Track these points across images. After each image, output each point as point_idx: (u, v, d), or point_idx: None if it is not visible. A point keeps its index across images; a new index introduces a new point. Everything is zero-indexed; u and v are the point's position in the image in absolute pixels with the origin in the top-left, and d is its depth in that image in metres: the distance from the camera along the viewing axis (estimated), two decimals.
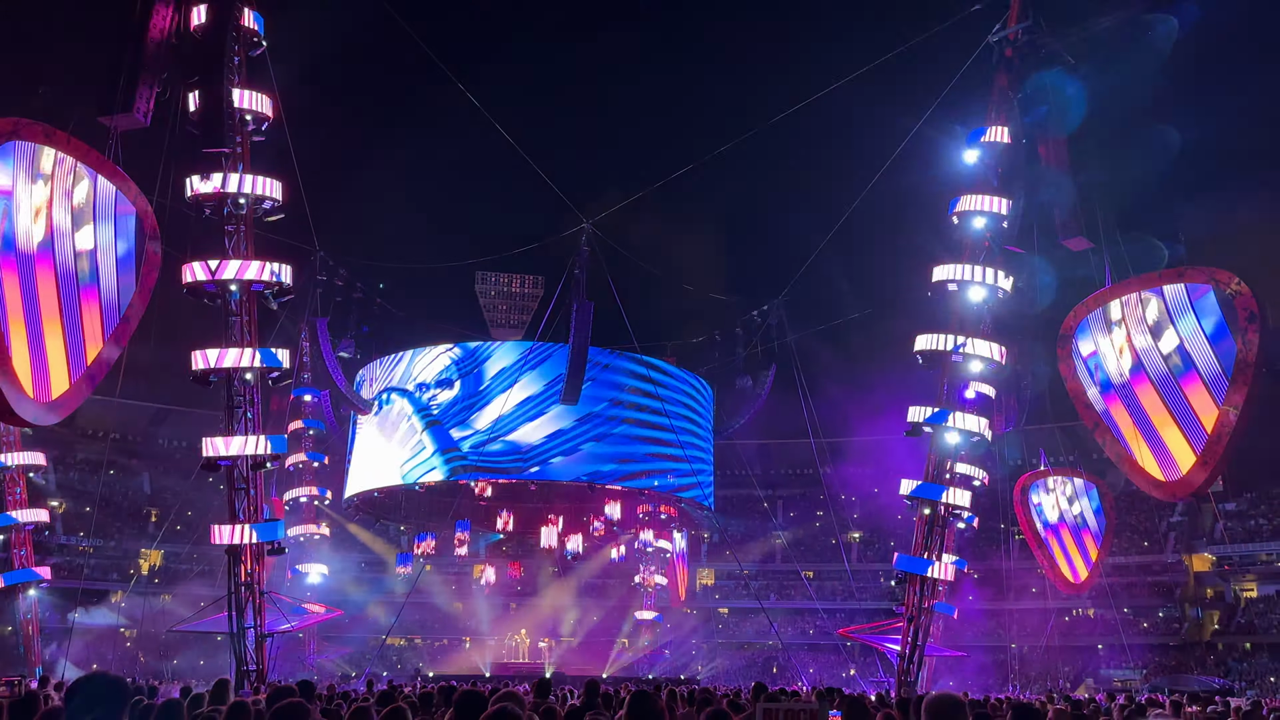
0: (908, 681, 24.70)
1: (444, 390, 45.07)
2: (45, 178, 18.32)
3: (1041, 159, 22.84)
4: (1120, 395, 22.90)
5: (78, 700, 3.51)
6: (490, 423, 43.69)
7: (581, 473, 45.83)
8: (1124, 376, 22.85)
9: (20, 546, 31.58)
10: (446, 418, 44.44)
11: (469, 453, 44.20)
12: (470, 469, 44.06)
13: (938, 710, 4.43)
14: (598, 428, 45.98)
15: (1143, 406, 22.55)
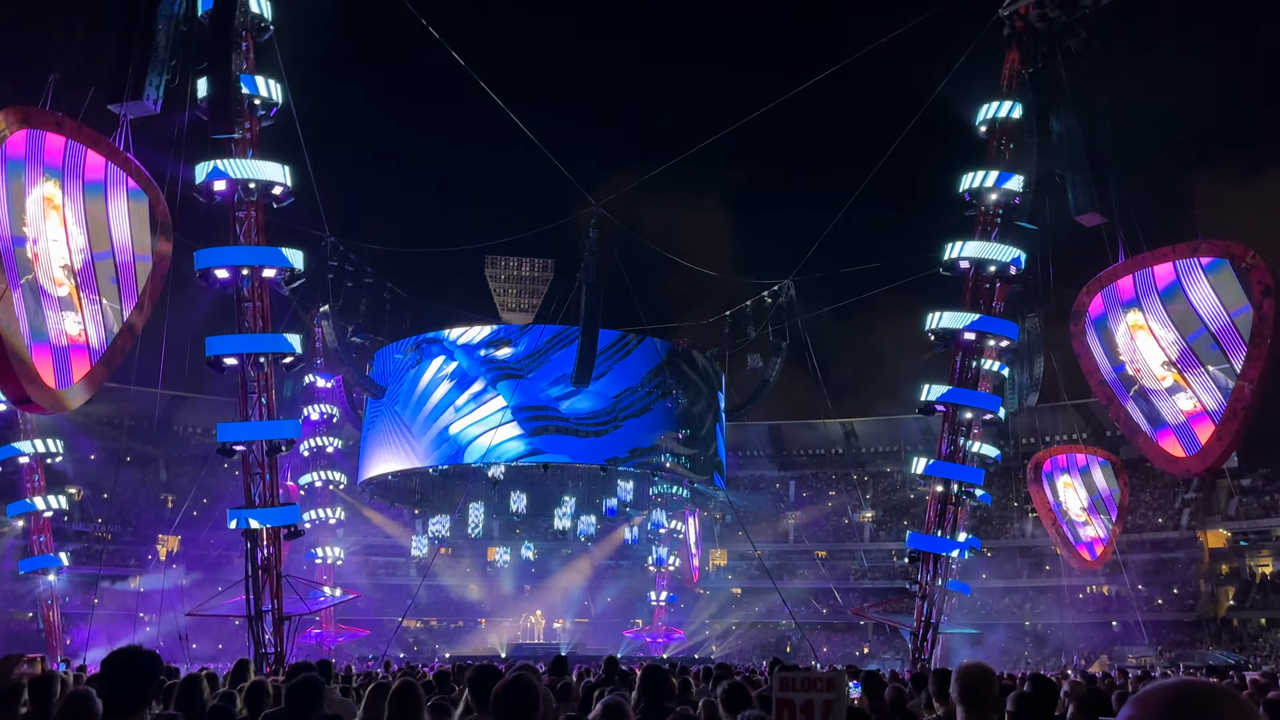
0: (922, 659, 24.77)
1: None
2: (57, 166, 18.40)
3: (1054, 134, 22.65)
4: (1131, 367, 22.83)
5: (112, 673, 3.59)
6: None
7: (594, 455, 45.96)
8: (1138, 352, 22.76)
9: (39, 533, 31.94)
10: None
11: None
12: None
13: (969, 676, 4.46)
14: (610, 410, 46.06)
15: (1157, 382, 22.47)
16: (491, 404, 44.27)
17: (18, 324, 16.41)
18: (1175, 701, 1.52)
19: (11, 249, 16.81)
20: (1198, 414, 21.71)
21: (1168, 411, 22.35)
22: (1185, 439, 22.13)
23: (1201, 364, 21.58)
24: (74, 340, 18.00)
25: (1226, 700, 1.53)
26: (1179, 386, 22.08)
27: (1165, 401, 22.37)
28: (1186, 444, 22.11)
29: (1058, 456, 34.42)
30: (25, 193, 17.60)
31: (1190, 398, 21.86)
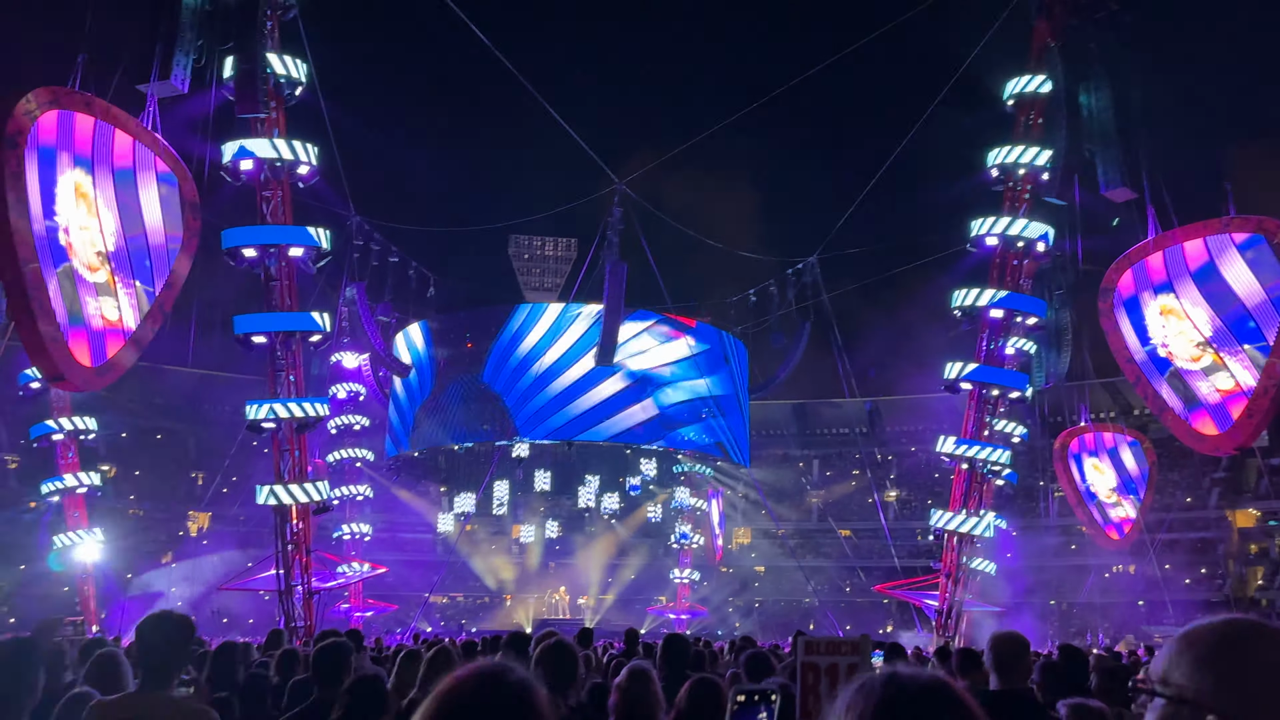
0: (946, 636, 24.79)
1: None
2: (86, 155, 18.60)
3: (1083, 108, 22.35)
4: (1163, 348, 22.59)
5: (147, 635, 3.70)
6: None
7: (617, 434, 46.12)
8: (1167, 330, 22.52)
9: (74, 509, 32.44)
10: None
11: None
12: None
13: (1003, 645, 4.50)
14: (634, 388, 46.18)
15: (1192, 362, 22.23)
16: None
17: (52, 304, 16.66)
18: (1223, 637, 1.52)
19: (46, 235, 17.05)
20: (1235, 394, 21.45)
21: (1205, 391, 22.09)
22: (1220, 419, 21.88)
23: (1239, 343, 21.30)
24: (110, 325, 18.27)
25: (1275, 636, 1.53)
26: (1217, 366, 21.79)
27: (1203, 381, 22.10)
28: (1221, 424, 21.87)
29: (1085, 436, 34.15)
30: (56, 181, 17.82)
31: (1229, 378, 21.59)
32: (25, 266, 16.37)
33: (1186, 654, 1.52)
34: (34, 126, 17.31)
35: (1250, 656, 1.50)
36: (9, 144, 16.63)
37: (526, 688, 1.71)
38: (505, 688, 1.70)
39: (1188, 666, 1.50)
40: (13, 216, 16.31)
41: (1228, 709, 1.45)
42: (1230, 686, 1.47)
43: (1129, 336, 23.17)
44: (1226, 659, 1.49)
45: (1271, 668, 1.49)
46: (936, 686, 1.47)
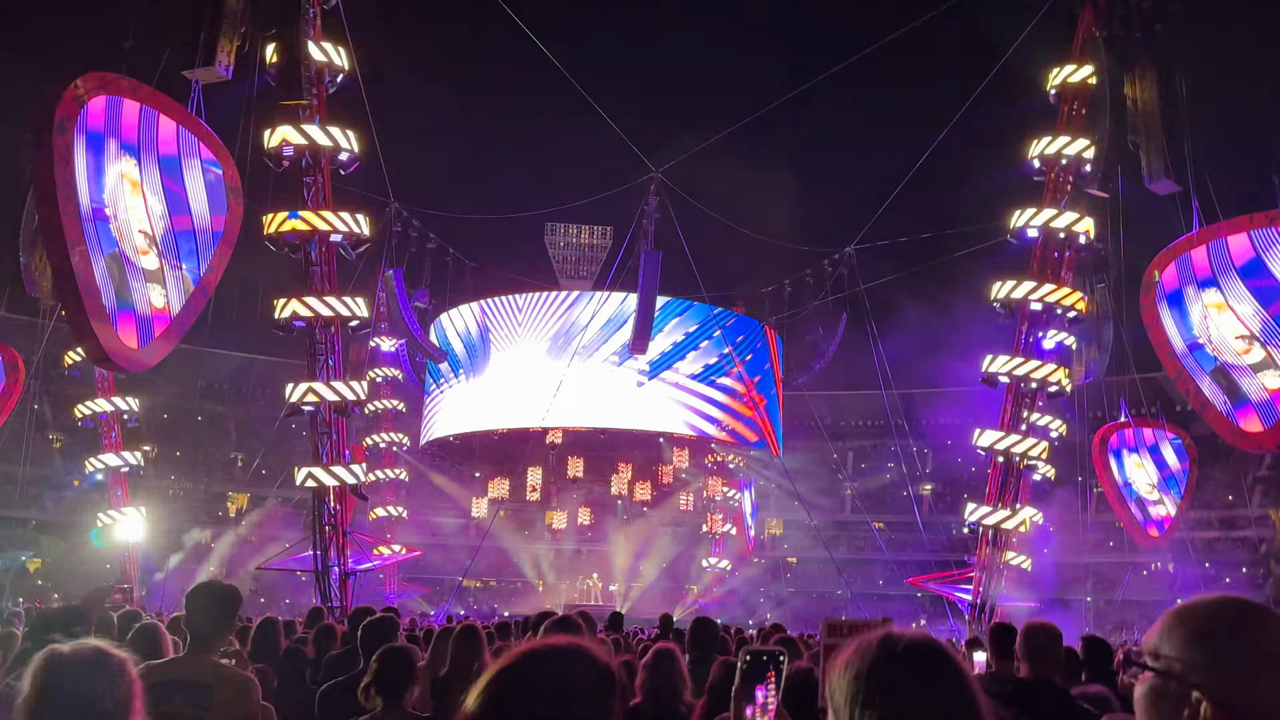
0: (980, 631, 24.64)
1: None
2: (133, 142, 18.93)
3: (1128, 99, 21.99)
4: (1205, 344, 22.23)
5: (194, 603, 3.83)
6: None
7: (651, 421, 46.24)
8: (1210, 324, 22.15)
9: (116, 487, 33.13)
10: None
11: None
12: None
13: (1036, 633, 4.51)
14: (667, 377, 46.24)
15: (1238, 357, 21.85)
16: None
17: (98, 286, 17.00)
18: (1216, 615, 1.53)
19: (94, 218, 17.38)
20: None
21: (1252, 388, 21.69)
22: (1267, 416, 21.49)
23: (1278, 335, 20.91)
24: (158, 311, 18.63)
25: (1269, 618, 1.54)
26: (1268, 363, 21.38)
27: (1249, 379, 21.71)
28: (1267, 421, 21.49)
29: (1125, 432, 33.67)
30: (104, 166, 18.15)
31: (1277, 376, 21.19)
32: (72, 249, 16.71)
33: (1179, 629, 1.52)
34: (82, 111, 17.64)
35: (1242, 635, 1.50)
36: (59, 128, 16.97)
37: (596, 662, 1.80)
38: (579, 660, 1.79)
39: (1179, 641, 1.51)
40: (60, 199, 16.66)
41: (1215, 686, 1.46)
42: (1220, 664, 1.47)
43: (1171, 331, 22.80)
44: (1218, 636, 1.50)
45: (1262, 648, 1.49)
46: (928, 644, 1.53)
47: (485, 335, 48.42)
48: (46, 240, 18.39)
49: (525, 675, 1.74)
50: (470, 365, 48.26)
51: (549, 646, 1.82)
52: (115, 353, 17.58)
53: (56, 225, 16.67)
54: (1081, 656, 6.01)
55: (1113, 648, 14.65)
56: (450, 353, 47.68)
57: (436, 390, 49.10)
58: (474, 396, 47.84)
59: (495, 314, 48.54)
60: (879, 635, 1.54)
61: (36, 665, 2.34)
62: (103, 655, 2.37)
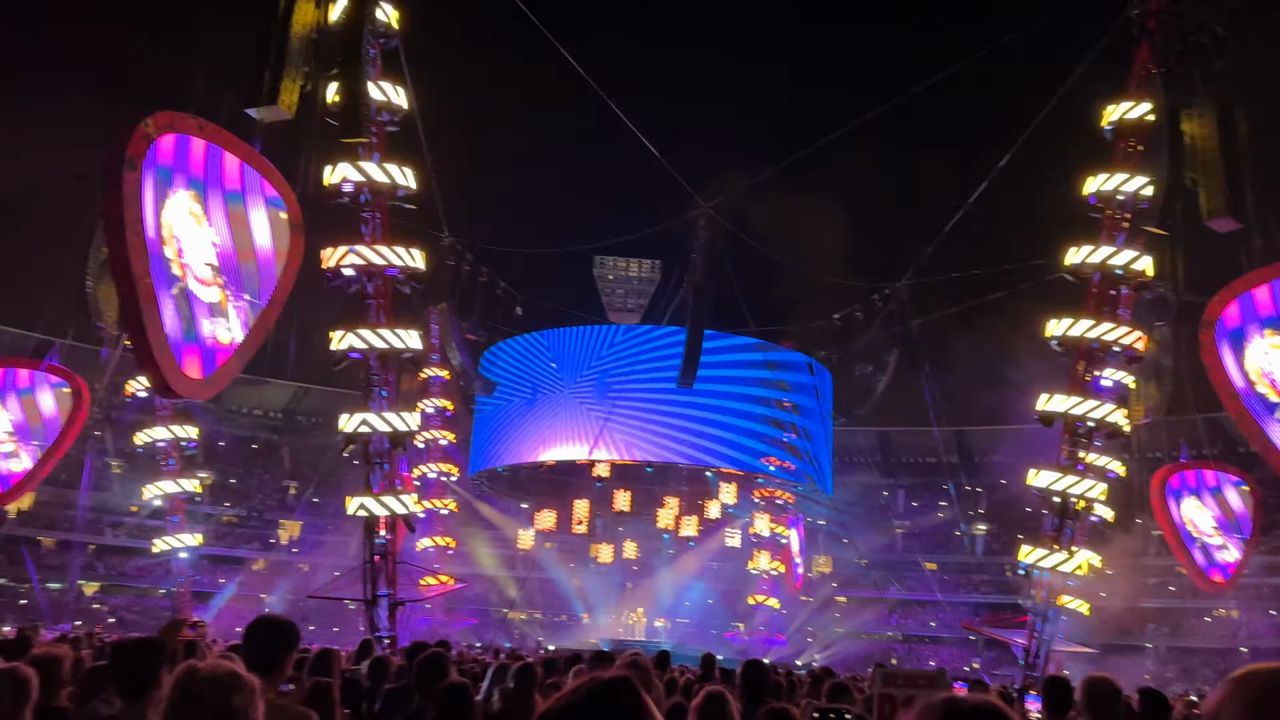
0: (1034, 676, 24.05)
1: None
2: (199, 176, 19.53)
3: (1186, 135, 21.68)
4: (1269, 385, 21.66)
5: (253, 636, 3.91)
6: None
7: (698, 456, 46.09)
8: (1273, 365, 21.59)
9: (173, 514, 33.76)
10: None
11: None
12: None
13: (1096, 687, 4.43)
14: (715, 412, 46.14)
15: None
16: None
17: (162, 318, 17.47)
18: (1274, 689, 1.52)
19: (160, 252, 17.90)
20: None
21: None
22: None
23: None
24: (221, 343, 19.10)
25: None
26: None
27: None
28: None
29: (1186, 473, 32.80)
30: (170, 199, 18.71)
31: None
32: (139, 281, 17.21)
33: (1238, 698, 1.52)
34: (151, 148, 18.24)
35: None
36: (128, 165, 17.55)
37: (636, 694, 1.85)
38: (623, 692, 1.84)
39: (1237, 710, 1.51)
40: (129, 234, 17.19)
41: None
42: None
43: (1232, 370, 22.25)
44: (1273, 713, 1.49)
45: None
46: (991, 709, 1.54)
47: (535, 367, 48.76)
48: (114, 273, 18.97)
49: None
50: (520, 397, 48.59)
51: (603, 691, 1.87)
52: (178, 383, 18.02)
53: (124, 259, 17.20)
54: (1138, 709, 5.87)
55: (1171, 699, 14.24)
56: (501, 384, 48.08)
57: (487, 421, 49.47)
58: (523, 428, 48.12)
59: (545, 346, 48.89)
60: (942, 701, 1.55)
61: (177, 674, 2.64)
62: (238, 674, 2.66)
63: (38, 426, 29.29)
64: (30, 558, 49.59)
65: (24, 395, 29.36)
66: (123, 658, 3.86)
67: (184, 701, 2.56)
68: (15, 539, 48.64)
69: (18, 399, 29.30)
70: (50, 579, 50.86)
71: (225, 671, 2.58)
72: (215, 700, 2.53)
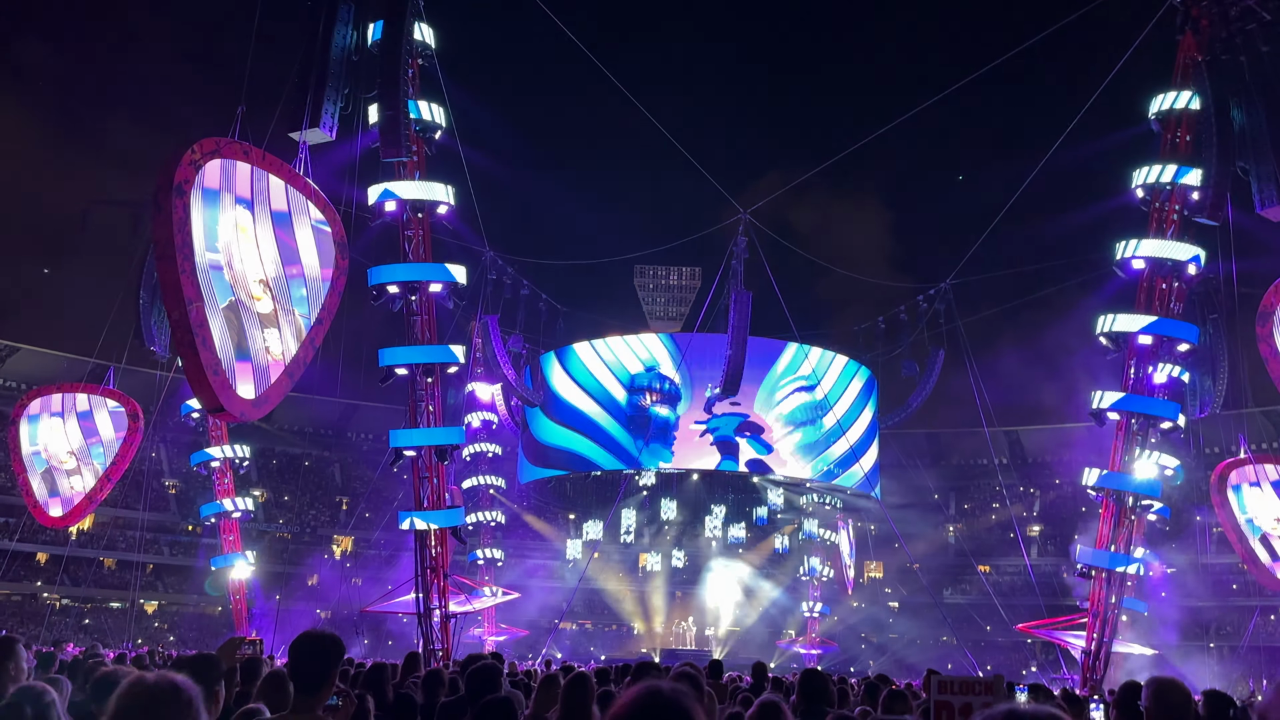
0: (1094, 680, 23.60)
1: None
2: (246, 197, 19.90)
3: (1235, 124, 21.22)
4: None
5: (300, 653, 3.95)
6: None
7: (744, 462, 45.92)
8: None
9: (229, 532, 34.42)
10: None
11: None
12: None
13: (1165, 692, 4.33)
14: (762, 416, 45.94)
15: None
16: None
17: (214, 339, 17.81)
18: None
19: (209, 271, 18.26)
20: None
21: None
22: None
23: None
24: (273, 359, 19.42)
25: None
26: None
27: None
28: None
29: (1245, 468, 32.04)
30: (219, 218, 19.08)
31: None
32: (189, 305, 17.56)
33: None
34: (199, 174, 18.64)
35: None
36: (176, 192, 17.94)
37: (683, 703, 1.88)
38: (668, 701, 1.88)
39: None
40: (179, 259, 17.55)
41: None
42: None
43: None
44: None
45: None
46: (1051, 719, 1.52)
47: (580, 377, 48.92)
48: (166, 297, 19.37)
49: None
50: (567, 407, 48.77)
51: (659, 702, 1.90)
52: (230, 403, 18.34)
53: (175, 283, 17.56)
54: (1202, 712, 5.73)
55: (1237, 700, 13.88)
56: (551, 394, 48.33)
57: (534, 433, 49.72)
58: (570, 438, 48.30)
59: (590, 356, 49.04)
60: (1003, 712, 1.54)
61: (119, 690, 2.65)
62: (176, 688, 2.65)
63: (97, 448, 30.05)
64: (92, 578, 50.71)
65: (83, 418, 30.15)
66: None
67: (117, 716, 2.60)
68: (77, 560, 49.76)
69: (78, 422, 30.10)
70: (112, 599, 51.96)
71: (166, 684, 2.61)
72: (151, 714, 2.56)
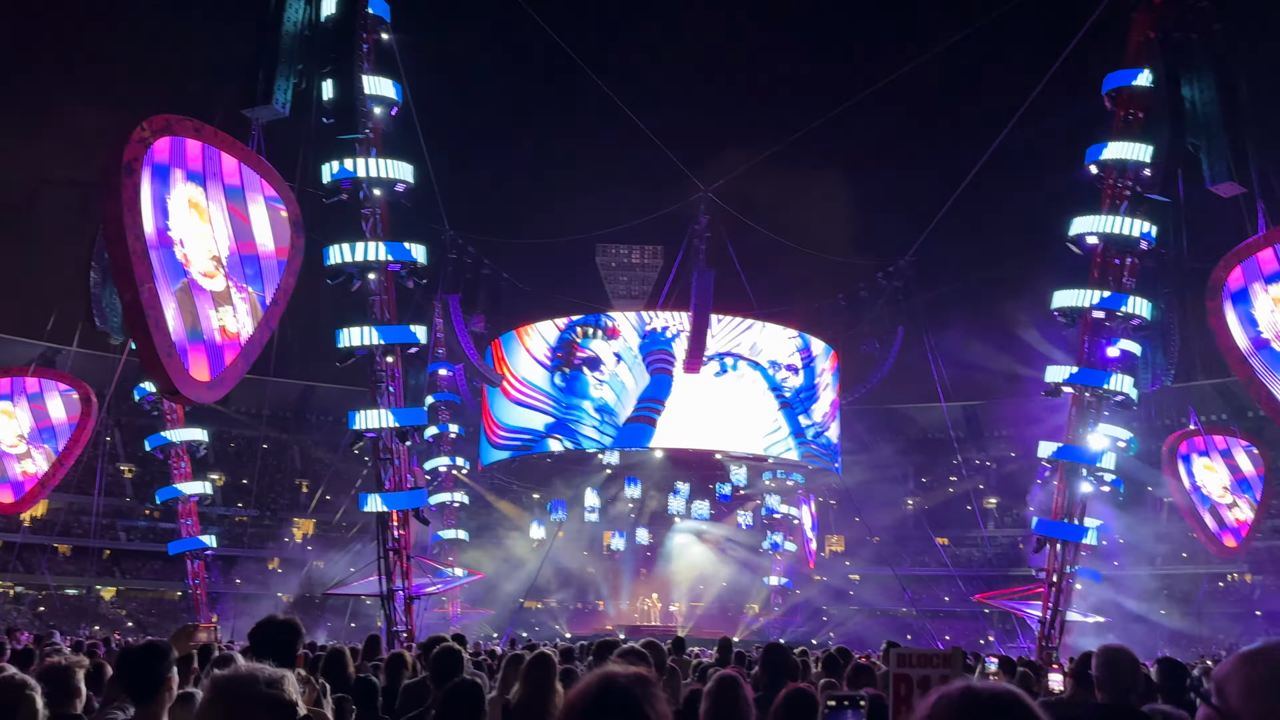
0: (1049, 647, 24.10)
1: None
2: (198, 171, 19.50)
3: (1186, 100, 21.52)
4: (1274, 340, 21.58)
5: (258, 638, 3.92)
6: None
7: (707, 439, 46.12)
8: (1277, 317, 21.51)
9: (186, 517, 33.93)
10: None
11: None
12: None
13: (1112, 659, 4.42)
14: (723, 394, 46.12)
15: None
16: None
17: (167, 321, 17.47)
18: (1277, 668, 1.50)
19: (161, 248, 17.88)
20: None
21: None
22: None
23: None
24: (228, 338, 19.09)
25: None
26: None
27: None
28: None
29: (1195, 439, 32.81)
30: (169, 194, 18.66)
31: None
32: (141, 286, 17.20)
33: (1242, 673, 1.51)
34: (148, 152, 18.22)
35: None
36: (125, 170, 17.52)
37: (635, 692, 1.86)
38: (619, 693, 1.86)
39: (1239, 686, 1.50)
40: (129, 239, 17.17)
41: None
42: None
43: (1237, 332, 22.14)
44: (1272, 694, 1.47)
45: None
46: (1009, 698, 1.53)
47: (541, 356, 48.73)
48: (116, 278, 18.97)
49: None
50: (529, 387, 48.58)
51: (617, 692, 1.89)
52: (185, 386, 18.04)
53: (126, 264, 17.19)
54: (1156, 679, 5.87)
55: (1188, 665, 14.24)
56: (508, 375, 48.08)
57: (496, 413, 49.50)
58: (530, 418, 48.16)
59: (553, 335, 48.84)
60: (960, 689, 1.54)
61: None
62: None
63: (48, 432, 29.42)
64: (46, 564, 49.86)
65: (33, 400, 29.49)
66: (128, 663, 3.90)
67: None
68: (31, 546, 48.88)
69: (28, 405, 29.43)
70: (67, 585, 51.17)
71: (15, 682, 2.58)
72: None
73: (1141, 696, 4.85)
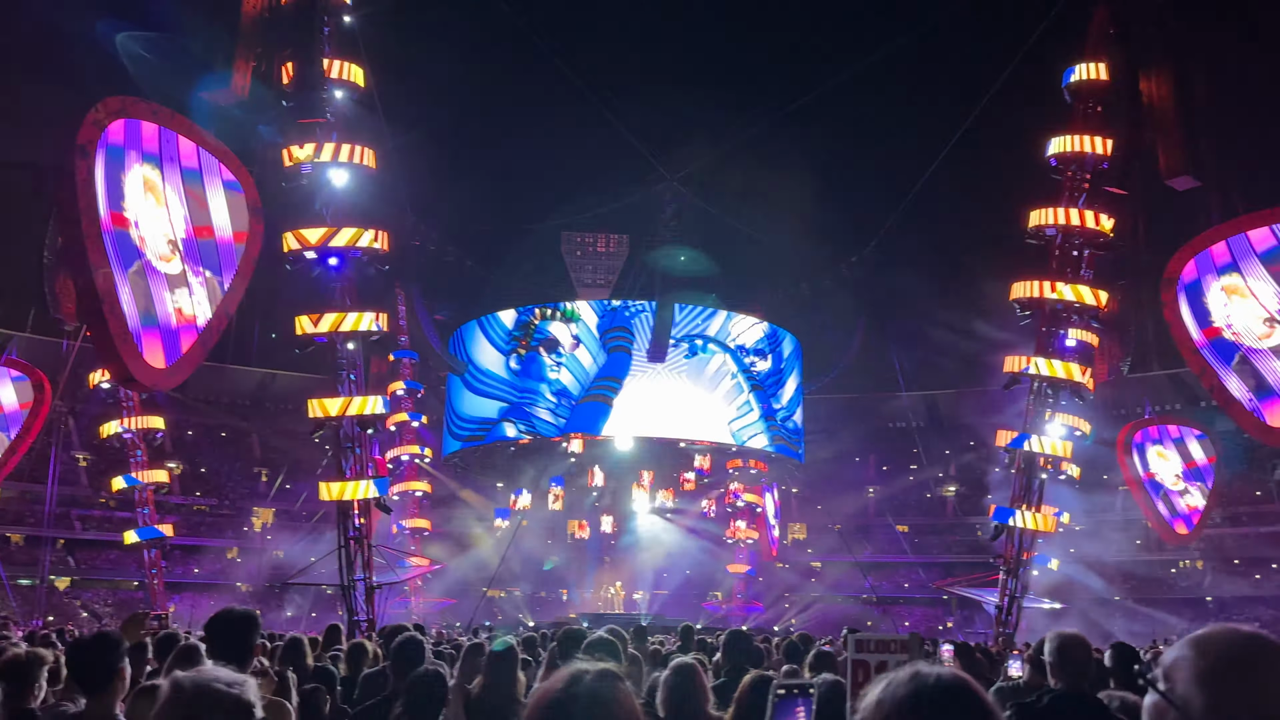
0: (1006, 633, 24.47)
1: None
2: (154, 152, 19.15)
3: (1144, 95, 21.85)
4: (1229, 339, 22.04)
5: (215, 630, 3.87)
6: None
7: (672, 428, 46.23)
8: (1230, 309, 21.96)
9: (143, 506, 33.42)
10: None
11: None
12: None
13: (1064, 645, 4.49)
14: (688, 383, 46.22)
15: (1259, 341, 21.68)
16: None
17: (123, 307, 17.16)
18: (1228, 658, 1.52)
19: (115, 233, 17.55)
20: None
21: (1275, 376, 21.48)
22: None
23: None
24: (184, 321, 18.78)
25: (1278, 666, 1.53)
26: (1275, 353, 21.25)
27: (1274, 363, 21.50)
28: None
29: (1149, 428, 33.45)
30: (124, 176, 18.31)
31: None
32: (96, 271, 16.89)
33: (1190, 659, 1.53)
34: (103, 135, 17.87)
35: (1248, 684, 1.50)
36: (80, 153, 17.18)
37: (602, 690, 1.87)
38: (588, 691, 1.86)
39: (1188, 674, 1.52)
40: (85, 223, 16.85)
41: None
42: (1219, 712, 1.48)
43: (1189, 323, 22.60)
44: (1224, 681, 1.49)
45: (1261, 703, 1.48)
46: (957, 685, 1.54)
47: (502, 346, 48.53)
48: (71, 263, 18.63)
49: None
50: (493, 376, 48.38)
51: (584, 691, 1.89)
52: (141, 373, 17.76)
53: (80, 249, 16.86)
54: (1109, 664, 5.98)
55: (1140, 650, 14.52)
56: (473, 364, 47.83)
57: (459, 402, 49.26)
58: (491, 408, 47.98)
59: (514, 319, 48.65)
60: (908, 675, 1.55)
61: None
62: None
63: (0, 420, 28.82)
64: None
65: None
66: (79, 655, 3.84)
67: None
68: None
69: None
70: (20, 575, 50.21)
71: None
72: None
73: (1094, 682, 4.93)
